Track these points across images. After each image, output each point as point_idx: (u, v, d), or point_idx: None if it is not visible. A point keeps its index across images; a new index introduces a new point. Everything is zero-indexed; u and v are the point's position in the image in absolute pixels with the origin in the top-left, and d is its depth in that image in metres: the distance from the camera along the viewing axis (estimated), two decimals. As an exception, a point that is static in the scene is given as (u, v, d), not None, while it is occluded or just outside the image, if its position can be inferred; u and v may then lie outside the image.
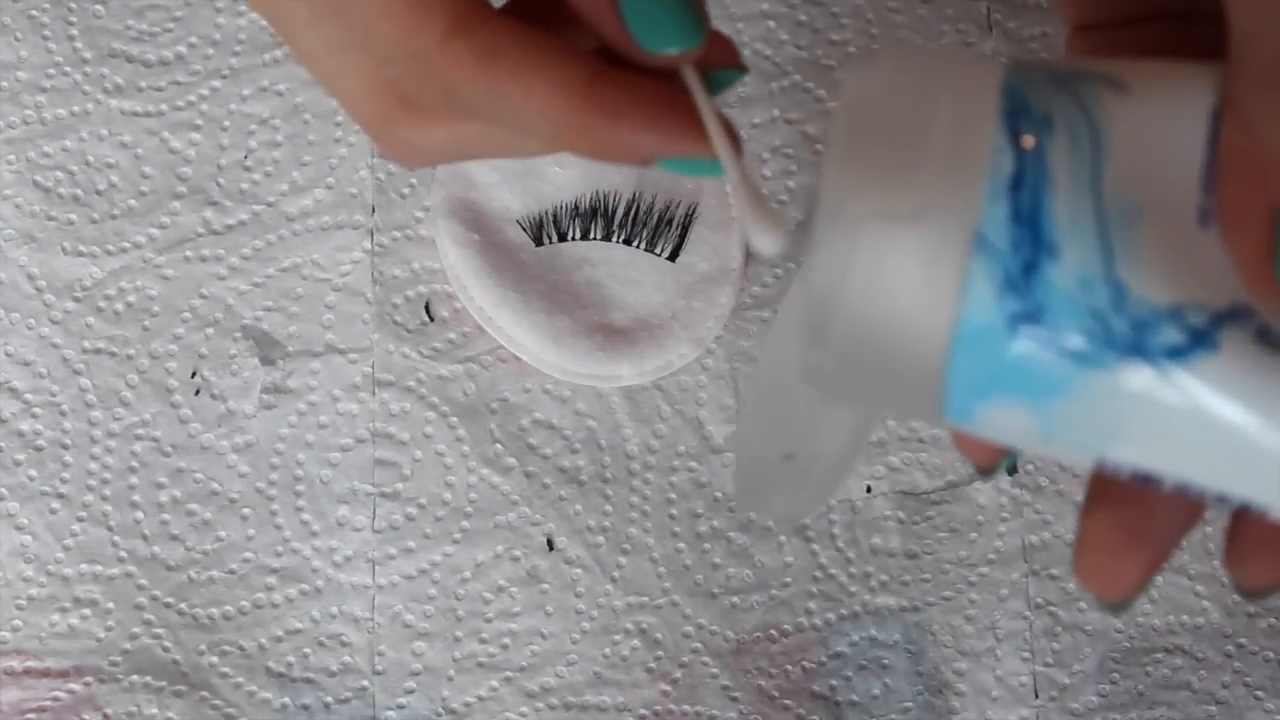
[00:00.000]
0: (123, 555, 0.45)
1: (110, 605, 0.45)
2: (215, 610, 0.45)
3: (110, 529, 0.45)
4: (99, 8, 0.48)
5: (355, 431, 0.46)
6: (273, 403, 0.46)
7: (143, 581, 0.45)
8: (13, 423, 0.46)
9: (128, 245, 0.47)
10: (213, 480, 0.46)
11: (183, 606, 0.45)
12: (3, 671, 0.44)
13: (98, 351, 0.46)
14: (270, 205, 0.47)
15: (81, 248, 0.46)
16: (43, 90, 0.47)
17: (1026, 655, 0.46)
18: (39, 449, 0.46)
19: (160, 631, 0.45)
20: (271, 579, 0.45)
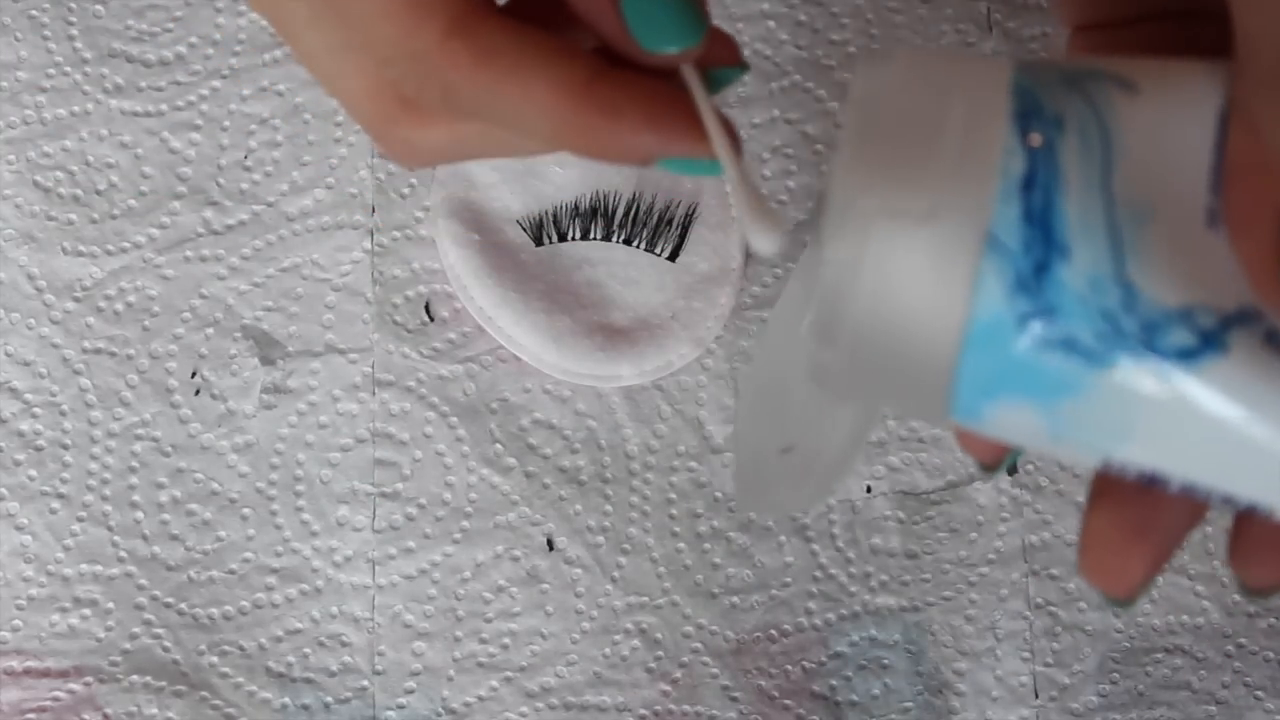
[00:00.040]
0: (123, 555, 0.45)
1: (110, 605, 0.45)
2: (215, 610, 0.45)
3: (110, 529, 0.45)
4: (99, 8, 0.48)
5: (355, 431, 0.46)
6: (273, 403, 0.46)
7: (143, 581, 0.45)
8: (13, 423, 0.46)
9: (128, 245, 0.47)
10: (213, 480, 0.46)
11: (183, 606, 0.45)
12: (3, 671, 0.44)
13: (98, 351, 0.46)
14: (270, 205, 0.47)
15: (81, 248, 0.46)
16: (43, 90, 0.47)
17: (1026, 655, 0.46)
18: (39, 449, 0.46)
19: (160, 631, 0.45)
20: (271, 579, 0.45)
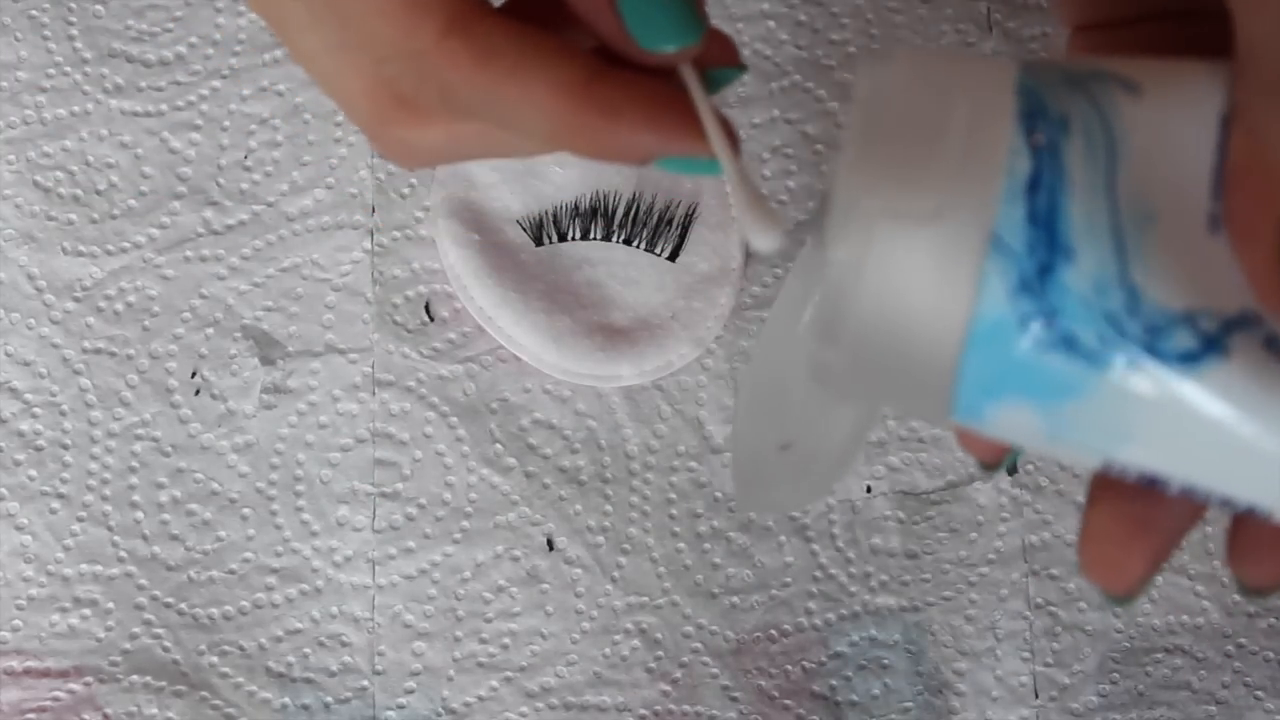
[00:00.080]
0: (123, 555, 0.45)
1: (110, 605, 0.45)
2: (215, 610, 0.45)
3: (110, 529, 0.45)
4: (99, 8, 0.48)
5: (355, 431, 0.46)
6: (273, 403, 0.46)
7: (143, 581, 0.45)
8: (13, 423, 0.46)
9: (128, 245, 0.47)
10: (213, 480, 0.46)
11: (183, 606, 0.45)
12: (3, 671, 0.44)
13: (98, 351, 0.46)
14: (270, 205, 0.47)
15: (81, 248, 0.46)
16: (43, 90, 0.47)
17: (1026, 655, 0.46)
18: (39, 449, 0.46)
19: (160, 631, 0.45)
20: (271, 579, 0.45)
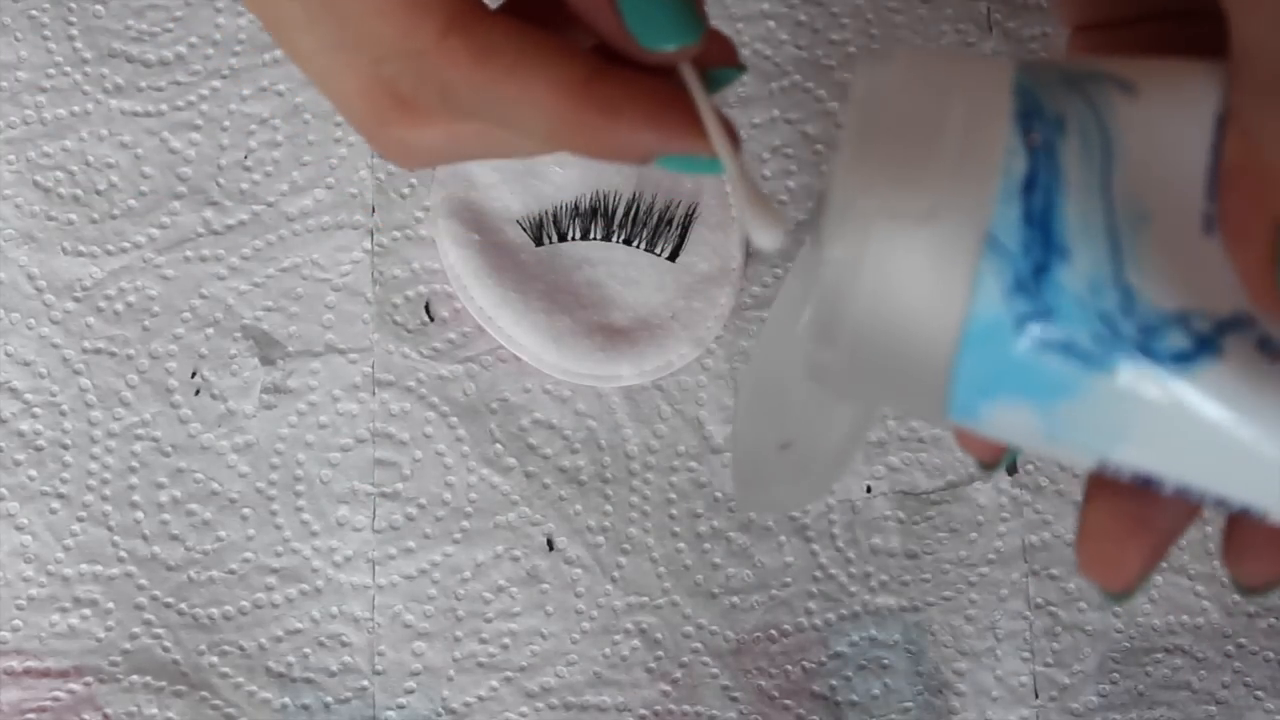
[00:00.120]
0: (123, 555, 0.45)
1: (110, 605, 0.45)
2: (215, 610, 0.45)
3: (110, 529, 0.45)
4: (99, 8, 0.48)
5: (355, 431, 0.46)
6: (273, 403, 0.46)
7: (143, 581, 0.45)
8: (13, 423, 0.46)
9: (128, 245, 0.47)
10: (213, 480, 0.46)
11: (183, 606, 0.45)
12: (3, 671, 0.44)
13: (98, 351, 0.46)
14: (270, 205, 0.47)
15: (81, 248, 0.47)
16: (43, 90, 0.47)
17: (1026, 655, 0.46)
18: (39, 449, 0.46)
19: (160, 631, 0.45)
20: (271, 579, 0.45)
